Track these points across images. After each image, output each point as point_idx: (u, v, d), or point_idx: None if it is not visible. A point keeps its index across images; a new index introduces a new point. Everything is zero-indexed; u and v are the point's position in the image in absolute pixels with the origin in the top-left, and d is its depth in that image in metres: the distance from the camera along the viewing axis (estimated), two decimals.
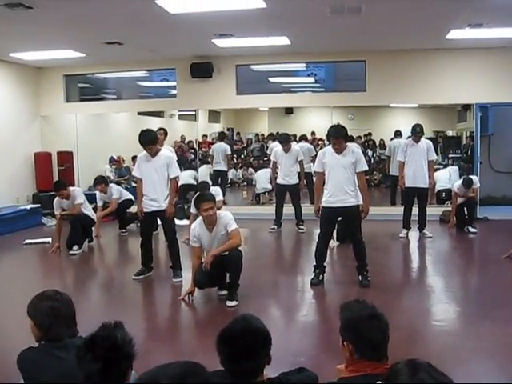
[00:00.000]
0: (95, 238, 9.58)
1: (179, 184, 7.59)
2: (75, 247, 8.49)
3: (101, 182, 9.93)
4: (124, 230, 10.23)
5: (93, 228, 9.21)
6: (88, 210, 8.97)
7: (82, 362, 2.15)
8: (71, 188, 8.77)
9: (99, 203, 10.05)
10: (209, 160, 13.28)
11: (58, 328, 2.63)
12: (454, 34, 9.23)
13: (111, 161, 14.33)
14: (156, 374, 1.78)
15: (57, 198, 8.63)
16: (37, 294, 2.79)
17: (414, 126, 9.08)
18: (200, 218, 5.88)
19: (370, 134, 16.26)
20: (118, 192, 9.90)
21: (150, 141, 6.65)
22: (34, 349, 2.67)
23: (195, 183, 12.15)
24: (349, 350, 2.40)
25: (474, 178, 9.73)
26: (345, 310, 2.52)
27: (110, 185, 10.19)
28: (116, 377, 2.15)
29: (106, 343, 2.16)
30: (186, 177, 11.40)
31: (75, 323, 2.73)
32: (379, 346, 2.37)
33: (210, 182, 11.79)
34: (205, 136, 15.41)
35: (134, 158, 11.22)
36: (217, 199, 6.22)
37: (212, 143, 14.27)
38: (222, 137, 13.41)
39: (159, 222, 7.26)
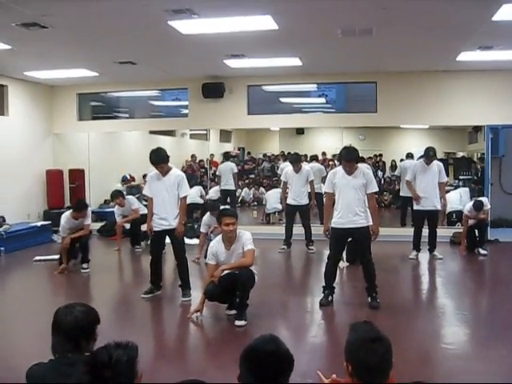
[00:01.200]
0: (117, 252, 10.06)
1: None
2: (85, 265, 8.62)
3: (118, 195, 10.18)
4: (138, 246, 10.29)
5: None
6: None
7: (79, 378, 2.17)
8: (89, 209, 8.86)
9: (118, 218, 10.29)
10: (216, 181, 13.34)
11: (60, 343, 2.64)
12: (465, 56, 9.28)
13: (124, 179, 14.40)
14: None
15: (68, 218, 8.52)
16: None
17: (427, 149, 9.06)
18: (219, 236, 5.91)
19: (380, 154, 16.27)
20: (137, 202, 10.00)
21: (162, 159, 6.67)
22: (42, 364, 2.67)
23: (202, 201, 12.22)
24: (348, 372, 2.41)
25: (484, 200, 9.70)
26: (351, 331, 2.53)
27: (127, 197, 10.36)
28: None
29: (95, 360, 2.18)
30: (193, 194, 11.45)
31: (92, 338, 2.72)
32: (376, 369, 2.35)
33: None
34: (212, 155, 15.45)
35: (145, 177, 11.29)
36: None
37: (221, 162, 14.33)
38: (227, 156, 13.43)
39: (168, 241, 7.25)
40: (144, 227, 7.79)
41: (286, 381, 2.34)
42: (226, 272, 5.70)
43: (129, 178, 14.44)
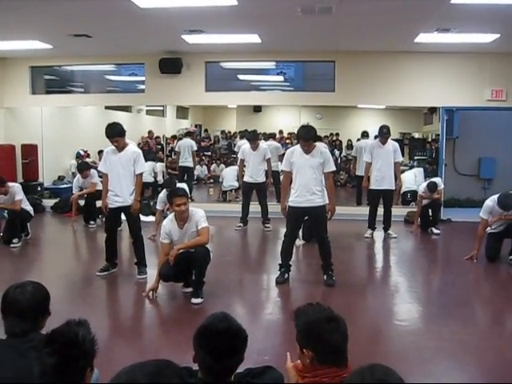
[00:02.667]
0: (72, 225, 10.08)
1: None
2: (15, 240, 8.55)
3: (87, 168, 10.26)
4: (92, 222, 10.20)
5: (28, 224, 9.13)
6: (26, 204, 8.99)
7: (39, 357, 2.11)
8: (10, 184, 8.73)
9: (75, 190, 10.32)
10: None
11: (16, 324, 2.58)
12: (423, 38, 9.36)
13: (78, 156, 14.16)
14: (133, 374, 1.76)
15: None
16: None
17: (381, 128, 9.15)
18: (172, 215, 5.85)
19: (337, 134, 16.37)
20: (96, 177, 9.92)
21: (117, 133, 6.52)
22: None
23: (153, 180, 12.16)
24: (309, 357, 2.37)
25: (437, 180, 9.88)
26: (300, 315, 2.48)
27: (92, 170, 10.27)
28: (73, 375, 2.10)
29: (63, 338, 2.12)
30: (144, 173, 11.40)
31: (46, 314, 2.67)
32: (340, 349, 2.35)
33: (162, 181, 11.88)
34: (173, 137, 15.34)
35: (100, 153, 11.13)
36: None
37: (179, 139, 14.21)
38: (187, 133, 13.35)
39: (123, 218, 7.17)
40: (99, 203, 7.68)
41: (241, 357, 2.34)
42: (181, 251, 5.67)
43: (83, 153, 14.19)
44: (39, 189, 12.55)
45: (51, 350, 2.08)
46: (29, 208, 9.00)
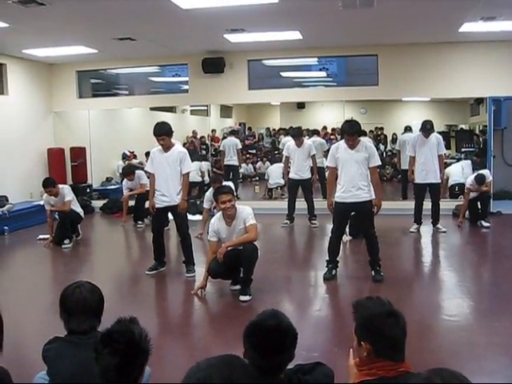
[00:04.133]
0: (123, 225, 10.36)
1: None
2: (66, 241, 8.78)
3: (131, 172, 10.48)
4: (140, 222, 10.34)
5: (78, 226, 9.35)
6: (76, 206, 9.20)
7: (99, 357, 2.17)
8: (60, 186, 8.94)
9: (125, 191, 10.58)
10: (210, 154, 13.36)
11: (75, 320, 2.65)
12: (467, 27, 9.18)
13: (124, 157, 14.39)
14: (209, 374, 1.80)
15: (45, 195, 8.87)
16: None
17: (423, 123, 9.01)
18: (219, 213, 5.89)
19: (381, 128, 16.21)
20: (145, 177, 10.03)
21: (165, 132, 6.62)
22: (58, 339, 2.70)
23: (200, 179, 12.26)
24: (367, 350, 2.34)
25: (485, 172, 9.68)
26: (360, 308, 2.46)
27: (137, 171, 10.48)
28: (132, 372, 2.16)
29: (123, 338, 2.17)
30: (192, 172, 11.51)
31: (98, 316, 2.75)
32: (399, 343, 2.33)
33: (208, 180, 11.95)
34: (214, 131, 15.42)
35: (147, 155, 11.30)
36: None
37: (223, 138, 14.28)
38: (231, 132, 13.44)
39: (170, 217, 7.26)
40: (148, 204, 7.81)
41: (291, 355, 2.35)
42: (229, 248, 5.72)
43: (129, 154, 14.43)
44: (88, 190, 12.83)
45: (112, 350, 2.13)
46: (79, 210, 9.20)
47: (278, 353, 2.28)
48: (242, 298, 5.70)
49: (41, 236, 9.23)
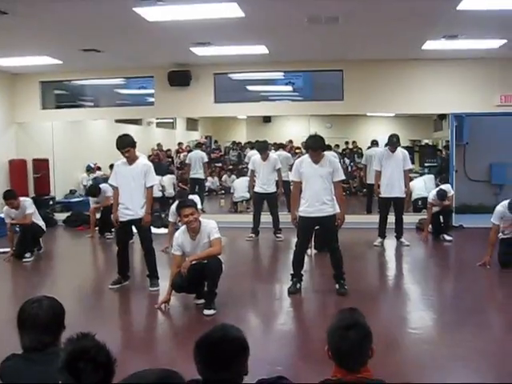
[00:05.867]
0: (90, 239, 10.29)
1: None
2: (27, 255, 8.63)
3: (97, 192, 10.44)
4: (109, 234, 10.23)
5: (40, 239, 9.17)
6: (38, 219, 9.06)
7: (81, 374, 2.09)
8: (21, 198, 8.81)
9: (92, 205, 10.57)
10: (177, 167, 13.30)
11: (26, 337, 2.59)
12: (430, 45, 9.36)
13: (89, 169, 14.25)
14: (133, 381, 1.77)
15: (6, 208, 8.75)
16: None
17: (390, 137, 9.16)
18: (184, 226, 5.86)
19: (354, 142, 16.37)
20: (110, 190, 9.93)
21: (128, 144, 6.56)
22: (15, 356, 2.63)
23: (161, 194, 12.20)
24: (328, 355, 2.44)
25: (447, 187, 9.83)
26: (334, 318, 2.56)
27: (101, 185, 10.41)
28: None
29: (103, 352, 2.13)
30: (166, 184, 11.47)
31: (58, 331, 2.68)
32: (347, 356, 2.39)
33: (172, 193, 11.91)
34: (180, 143, 15.38)
35: (111, 167, 11.21)
36: None
37: (189, 151, 14.24)
38: (197, 145, 13.42)
39: (135, 231, 7.20)
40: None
41: (241, 369, 2.32)
42: (193, 262, 5.68)
43: (93, 166, 14.28)
44: (51, 203, 12.60)
45: (96, 366, 2.08)
46: (41, 223, 9.05)
47: (225, 366, 2.25)
48: (207, 312, 5.66)
49: (0, 250, 9.01)
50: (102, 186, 10.36)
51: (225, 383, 2.26)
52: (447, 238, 9.65)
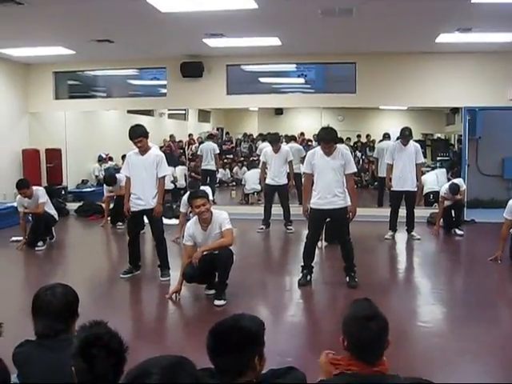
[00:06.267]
0: (101, 229, 10.39)
1: None
2: (40, 243, 8.68)
3: (112, 181, 10.45)
4: (120, 223, 10.27)
5: (53, 228, 9.20)
6: (50, 208, 9.11)
7: (94, 360, 2.12)
8: (34, 187, 8.84)
9: (106, 194, 10.63)
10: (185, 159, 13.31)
11: (39, 323, 2.63)
12: (444, 38, 9.30)
13: (100, 159, 14.31)
14: (146, 366, 1.79)
15: (19, 197, 8.80)
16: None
17: (402, 130, 9.12)
18: (195, 217, 5.87)
19: (359, 135, 16.33)
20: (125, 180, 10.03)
21: (140, 134, 6.58)
22: (29, 342, 2.67)
23: (172, 186, 12.22)
24: (344, 346, 2.44)
25: (459, 181, 9.79)
26: (350, 307, 2.56)
27: (117, 176, 10.36)
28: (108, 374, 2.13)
29: (115, 339, 2.16)
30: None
31: (70, 318, 2.70)
32: (368, 347, 2.38)
33: (184, 184, 11.91)
34: (191, 135, 15.39)
35: (123, 158, 11.25)
36: None
37: (201, 143, 14.26)
38: (209, 137, 13.44)
39: (146, 221, 7.23)
40: None
41: (247, 358, 2.30)
42: (205, 253, 5.71)
43: (104, 156, 14.34)
44: (63, 192, 12.71)
45: (109, 351, 2.10)
46: (53, 212, 9.10)
47: (227, 353, 2.24)
48: (217, 302, 5.69)
49: (14, 238, 9.10)
50: (118, 175, 10.39)
51: (231, 370, 2.27)
52: (458, 232, 9.61)
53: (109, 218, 10.65)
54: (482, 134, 11.70)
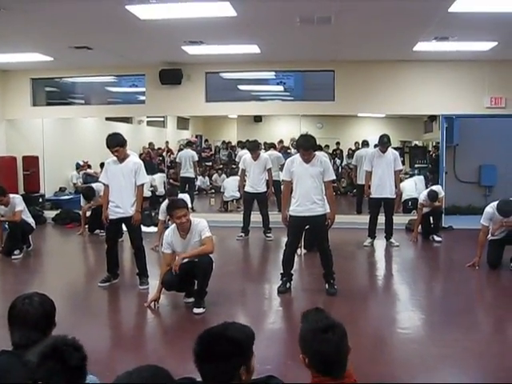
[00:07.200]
0: (79, 237, 10.26)
1: None
2: (16, 252, 8.56)
3: (90, 196, 10.38)
4: (102, 231, 10.12)
5: (30, 236, 9.11)
6: (28, 216, 9.02)
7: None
8: (11, 195, 8.77)
9: (83, 203, 10.52)
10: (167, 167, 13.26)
11: (16, 333, 2.59)
12: (422, 47, 9.39)
13: (78, 167, 14.19)
14: (128, 377, 1.77)
15: None
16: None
17: (381, 137, 9.18)
18: (174, 225, 5.85)
19: (338, 143, 16.40)
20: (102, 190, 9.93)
21: (118, 143, 6.54)
22: (4, 353, 2.62)
23: (150, 194, 12.15)
24: (305, 363, 2.38)
25: (437, 188, 9.90)
26: (302, 321, 2.49)
27: (97, 184, 10.23)
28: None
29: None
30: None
31: (47, 328, 2.67)
32: (330, 360, 2.33)
33: (163, 192, 11.87)
34: (167, 142, 15.32)
35: (102, 165, 11.20)
36: None
37: (180, 150, 14.21)
38: (188, 144, 13.40)
39: (125, 229, 7.18)
40: None
41: (233, 368, 2.27)
42: (184, 260, 5.68)
43: (82, 163, 14.22)
44: (40, 200, 12.57)
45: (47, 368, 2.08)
46: (30, 220, 9.00)
47: (212, 360, 2.20)
48: (196, 310, 5.66)
49: None
50: (96, 185, 10.30)
51: (215, 378, 2.25)
52: (437, 238, 9.69)
53: (86, 226, 10.55)
54: (459, 142, 11.85)
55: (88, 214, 10.56)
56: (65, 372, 2.06)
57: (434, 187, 10.02)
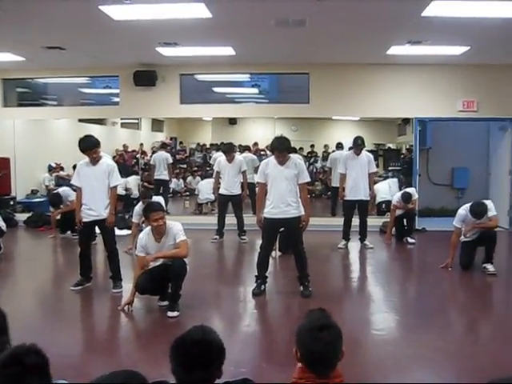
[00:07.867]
0: (51, 240, 10.19)
1: None
2: None
3: (59, 202, 10.29)
4: (75, 233, 10.02)
5: (0, 240, 9.01)
6: None
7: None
8: None
9: (52, 209, 10.49)
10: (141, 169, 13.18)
11: None
12: (395, 50, 9.48)
13: (50, 169, 14.01)
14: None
15: None
16: None
17: (355, 139, 9.22)
18: (148, 228, 5.80)
19: (312, 145, 16.43)
20: (73, 194, 9.77)
21: (91, 145, 6.48)
22: None
23: (124, 193, 12.07)
24: (297, 357, 2.41)
25: (411, 190, 9.99)
26: (304, 318, 2.52)
27: (63, 188, 10.27)
28: None
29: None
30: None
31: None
32: (316, 357, 2.35)
33: (137, 194, 11.81)
34: (141, 144, 15.23)
35: (74, 167, 11.09)
36: None
37: (153, 152, 14.11)
38: (162, 146, 13.32)
39: (98, 232, 7.10)
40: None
41: (216, 372, 2.30)
42: (158, 263, 5.64)
43: (54, 166, 14.05)
44: (12, 203, 12.39)
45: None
46: (1, 223, 8.88)
47: (202, 367, 2.22)
48: (170, 313, 5.61)
49: None
50: (63, 191, 10.21)
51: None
52: (410, 240, 9.78)
53: (58, 228, 10.43)
54: (432, 145, 11.99)
55: (58, 217, 10.44)
56: (26, 376, 2.03)
57: (408, 189, 10.11)
